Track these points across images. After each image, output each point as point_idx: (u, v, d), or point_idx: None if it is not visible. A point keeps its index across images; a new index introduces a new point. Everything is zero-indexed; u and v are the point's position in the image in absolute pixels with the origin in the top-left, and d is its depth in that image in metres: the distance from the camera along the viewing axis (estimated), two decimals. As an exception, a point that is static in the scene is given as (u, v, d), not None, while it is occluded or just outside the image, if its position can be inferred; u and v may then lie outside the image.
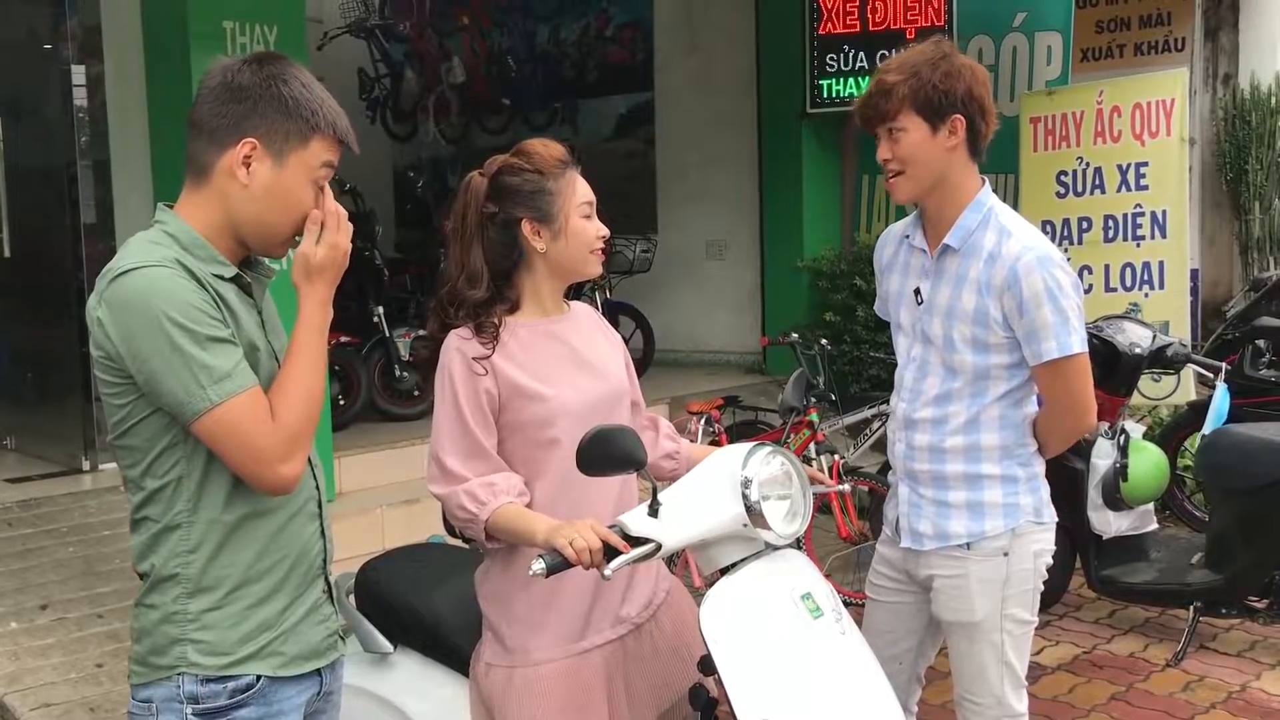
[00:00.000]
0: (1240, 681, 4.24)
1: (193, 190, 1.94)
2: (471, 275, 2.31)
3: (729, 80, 8.37)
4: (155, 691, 1.89)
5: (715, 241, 8.67)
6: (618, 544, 2.08)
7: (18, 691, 3.68)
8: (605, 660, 2.32)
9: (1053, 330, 2.47)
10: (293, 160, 1.91)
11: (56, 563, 4.49)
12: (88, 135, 5.48)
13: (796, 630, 2.17)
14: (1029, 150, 6.76)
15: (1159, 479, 4.65)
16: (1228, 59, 9.06)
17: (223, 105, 1.89)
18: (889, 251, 2.77)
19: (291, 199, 1.93)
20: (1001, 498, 2.59)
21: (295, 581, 1.98)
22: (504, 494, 2.22)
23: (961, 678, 2.69)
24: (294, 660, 1.96)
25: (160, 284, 1.79)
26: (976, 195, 2.57)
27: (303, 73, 1.95)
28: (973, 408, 2.58)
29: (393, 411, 6.48)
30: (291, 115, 1.89)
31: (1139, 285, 6.38)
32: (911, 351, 2.67)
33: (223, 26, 5.01)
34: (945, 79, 2.47)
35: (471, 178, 2.38)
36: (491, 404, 2.26)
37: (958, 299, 2.55)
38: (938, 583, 2.64)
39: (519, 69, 10.16)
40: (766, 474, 2.21)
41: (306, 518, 2.01)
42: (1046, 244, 2.56)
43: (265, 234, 1.95)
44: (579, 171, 2.38)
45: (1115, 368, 4.63)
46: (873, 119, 2.54)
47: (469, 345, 2.27)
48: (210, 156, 1.90)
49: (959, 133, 2.50)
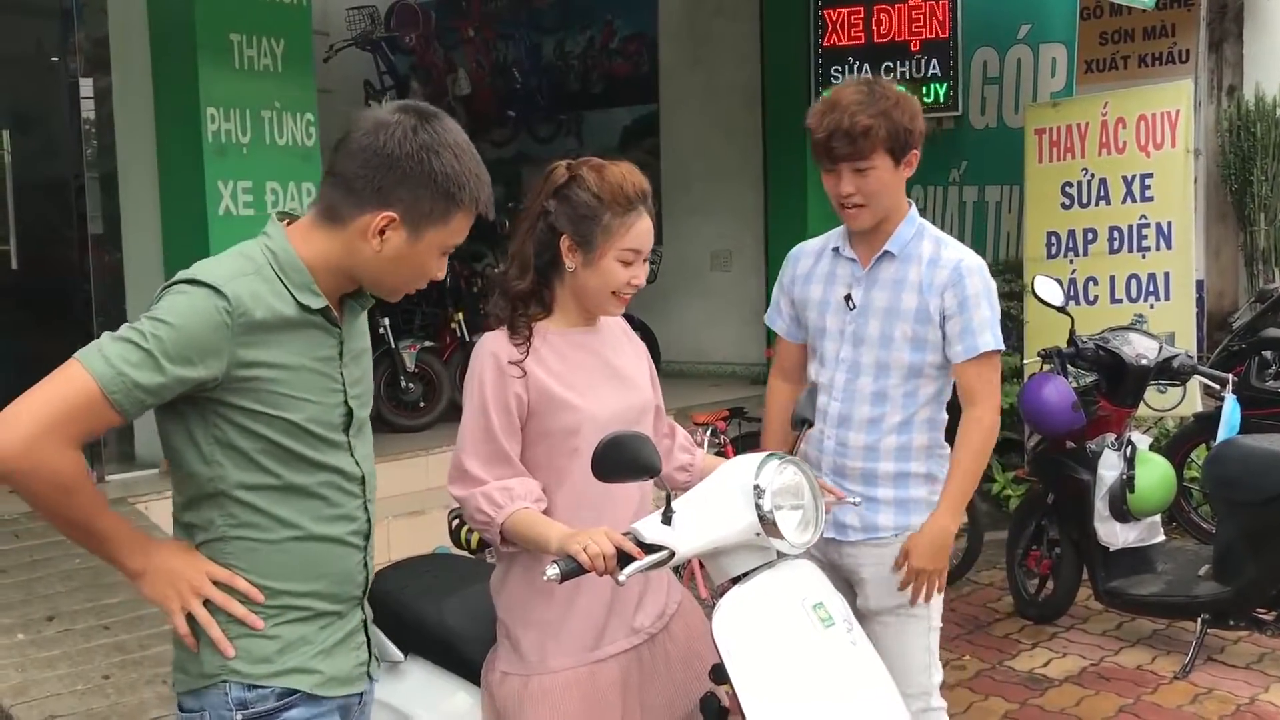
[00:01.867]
0: (1249, 694, 4.23)
1: (320, 226, 1.90)
2: (522, 263, 2.34)
3: (734, 92, 8.39)
4: (206, 699, 1.89)
5: (720, 253, 8.68)
6: (631, 550, 2.08)
7: (24, 703, 3.68)
8: (620, 670, 2.32)
9: (988, 325, 2.72)
10: (429, 235, 1.89)
11: (63, 574, 4.48)
12: (95, 147, 5.50)
13: (808, 640, 2.18)
14: (1034, 162, 6.77)
15: (1166, 491, 4.64)
16: (1232, 70, 9.07)
17: (370, 170, 1.84)
18: (805, 264, 2.94)
19: (418, 268, 1.93)
20: (925, 494, 2.81)
21: (334, 605, 1.98)
22: (520, 499, 2.23)
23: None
24: (330, 682, 1.96)
25: (198, 304, 1.77)
26: (910, 211, 2.80)
27: (456, 136, 1.91)
28: (908, 408, 2.77)
29: (398, 423, 6.49)
30: (438, 192, 1.86)
31: (1144, 296, 6.39)
32: (841, 354, 2.82)
33: (230, 39, 5.04)
34: (911, 120, 2.68)
35: (556, 166, 2.38)
36: (520, 410, 2.27)
37: (898, 300, 2.75)
38: (867, 572, 2.80)
39: (524, 81, 10.18)
40: (779, 484, 2.22)
41: (351, 547, 2.00)
42: (977, 255, 2.82)
43: (383, 288, 1.96)
44: (649, 214, 2.35)
45: (1121, 379, 4.64)
46: (844, 156, 2.66)
47: (503, 348, 2.28)
48: (347, 211, 1.87)
49: (913, 165, 2.73)
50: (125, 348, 1.73)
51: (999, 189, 7.52)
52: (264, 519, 1.88)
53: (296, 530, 1.91)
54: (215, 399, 1.81)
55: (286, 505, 1.89)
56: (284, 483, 1.88)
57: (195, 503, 1.89)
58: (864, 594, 2.81)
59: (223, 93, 5.00)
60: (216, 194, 5.03)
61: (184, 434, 1.85)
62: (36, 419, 1.69)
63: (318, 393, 1.91)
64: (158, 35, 5.20)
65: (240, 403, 1.82)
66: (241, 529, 1.88)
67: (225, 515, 1.88)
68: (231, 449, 1.84)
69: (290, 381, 1.86)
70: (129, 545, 1.89)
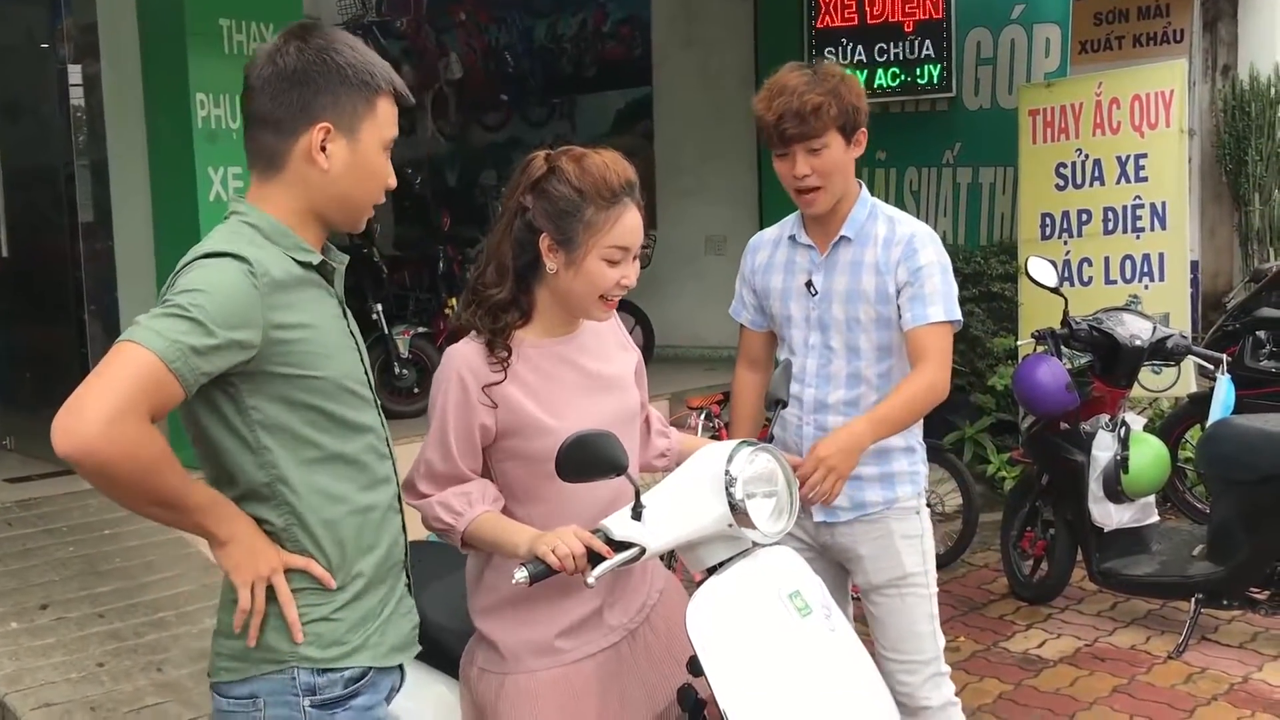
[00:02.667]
0: (1242, 673, 4.24)
1: (266, 182, 1.89)
2: (499, 267, 2.20)
3: (727, 75, 8.36)
4: (260, 686, 1.86)
5: (714, 236, 8.66)
6: (600, 549, 2.04)
7: (18, 691, 3.68)
8: (597, 668, 2.27)
9: (940, 296, 2.70)
10: (365, 132, 1.89)
11: (57, 562, 4.48)
12: (85, 135, 5.46)
13: (785, 629, 2.14)
14: (1028, 142, 6.75)
15: (1160, 471, 4.64)
16: (1226, 50, 9.06)
17: (284, 94, 1.84)
18: (764, 255, 2.97)
19: (371, 172, 1.92)
20: (907, 466, 2.85)
21: (388, 573, 1.98)
22: (479, 503, 2.18)
23: (890, 637, 2.82)
24: (391, 651, 1.97)
25: (227, 270, 1.75)
26: (860, 193, 2.83)
27: (345, 35, 1.92)
28: (883, 387, 2.78)
29: (392, 409, 6.45)
30: (354, 85, 1.86)
31: (1139, 277, 6.38)
32: (809, 340, 2.84)
33: (219, 24, 5.00)
34: (858, 98, 2.71)
35: (534, 157, 2.21)
36: (485, 436, 2.18)
37: (857, 282, 2.77)
38: (864, 549, 2.82)
39: (517, 65, 10.15)
40: (751, 472, 2.17)
41: (394, 512, 2.01)
42: (931, 229, 2.83)
43: (350, 209, 1.94)
44: (636, 205, 2.18)
45: (1116, 360, 4.63)
46: (797, 137, 2.68)
47: (478, 369, 2.16)
48: (282, 146, 1.86)
49: (862, 144, 2.76)
50: (171, 321, 1.68)
51: (993, 170, 7.50)
52: (317, 498, 1.86)
53: (347, 504, 1.90)
54: (255, 373, 1.78)
55: (336, 479, 1.88)
56: (329, 453, 1.87)
57: (245, 501, 1.86)
58: (862, 570, 2.84)
59: (213, 78, 4.97)
60: (207, 180, 5.00)
61: (223, 427, 1.82)
62: (108, 401, 1.62)
63: (343, 350, 1.92)
64: (147, 21, 5.17)
65: (280, 370, 1.80)
66: (295, 517, 1.85)
67: (278, 508, 1.85)
68: (276, 428, 1.82)
69: (320, 340, 1.86)
70: (218, 512, 1.82)
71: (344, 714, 1.89)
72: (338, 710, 1.88)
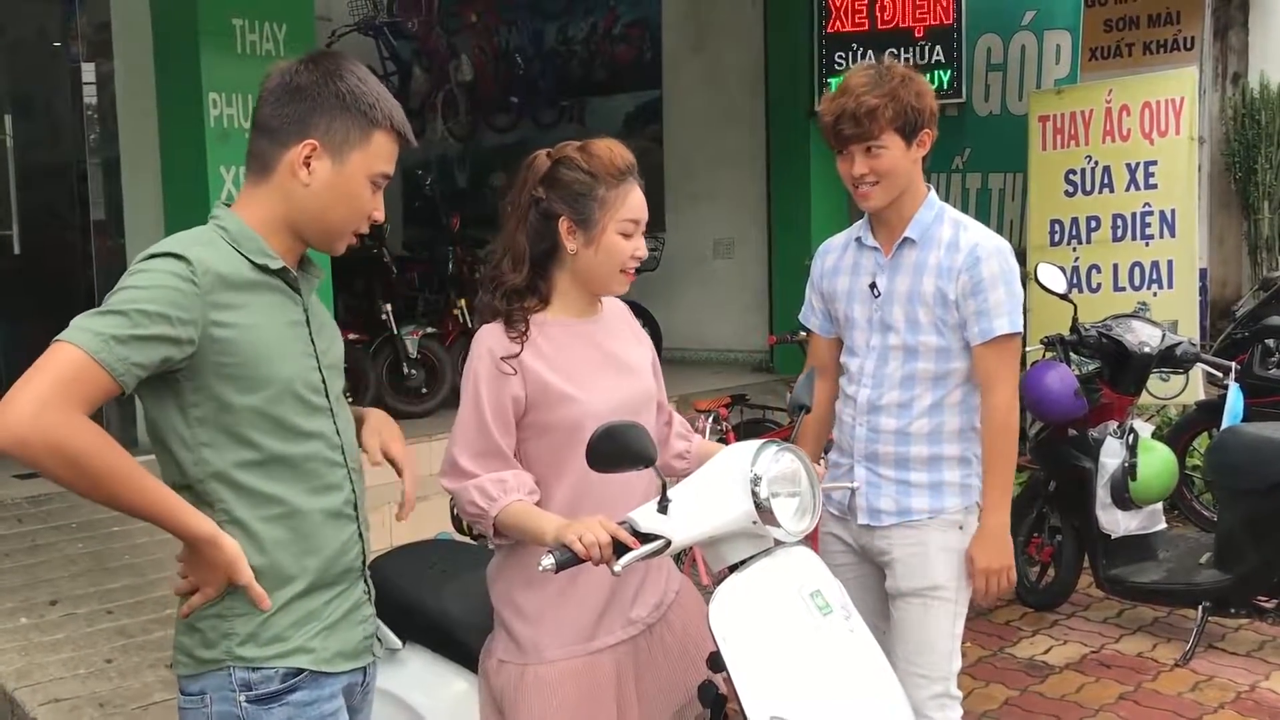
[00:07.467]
0: (1249, 681, 4.24)
1: (254, 187, 1.97)
2: (515, 257, 2.32)
3: (737, 78, 8.37)
4: (207, 682, 1.90)
5: (723, 240, 8.67)
6: (627, 540, 2.08)
7: (27, 687, 3.69)
8: (616, 661, 2.32)
9: (1005, 308, 2.70)
10: (353, 159, 1.94)
11: (66, 558, 4.50)
12: (97, 132, 5.49)
13: (805, 627, 2.17)
14: (1037, 149, 6.75)
15: (1168, 478, 4.64)
16: (1237, 58, 9.05)
17: (283, 106, 1.93)
18: (832, 259, 2.96)
19: (351, 199, 1.97)
20: (959, 478, 2.80)
21: (337, 578, 1.99)
22: (514, 491, 2.23)
23: (907, 646, 2.78)
24: (336, 657, 1.98)
25: (162, 270, 1.79)
26: (928, 195, 2.81)
27: (359, 68, 1.99)
28: (937, 392, 2.76)
29: (401, 409, 6.48)
30: (350, 111, 1.93)
31: (1148, 284, 6.38)
32: (871, 342, 2.83)
33: (232, 24, 5.03)
34: (919, 98, 2.69)
35: (536, 156, 2.37)
36: (516, 408, 2.26)
37: (919, 284, 2.76)
38: (898, 552, 2.78)
39: (527, 67, 10.16)
40: (776, 471, 2.21)
41: (344, 519, 2.01)
42: (999, 237, 2.81)
43: (324, 229, 1.98)
44: (639, 185, 2.35)
45: (1124, 367, 4.63)
46: (853, 138, 2.69)
47: (499, 343, 2.26)
48: (273, 155, 1.94)
49: (926, 145, 2.74)
50: (99, 318, 1.74)
51: (1002, 176, 7.50)
52: (253, 499, 1.88)
53: (286, 506, 1.91)
54: (195, 369, 1.81)
55: (273, 481, 1.90)
56: (268, 455, 1.89)
57: (184, 496, 1.87)
58: (893, 574, 2.80)
59: (225, 78, 5.00)
60: (219, 179, 5.02)
61: (166, 423, 1.86)
62: (34, 393, 1.68)
63: (293, 356, 1.93)
64: (160, 20, 5.20)
65: (221, 368, 1.82)
66: (228, 515, 1.87)
67: (212, 506, 1.87)
68: (214, 426, 1.85)
69: (267, 340, 1.88)
70: (188, 509, 1.83)
71: (280, 709, 1.91)
72: (274, 705, 1.91)
